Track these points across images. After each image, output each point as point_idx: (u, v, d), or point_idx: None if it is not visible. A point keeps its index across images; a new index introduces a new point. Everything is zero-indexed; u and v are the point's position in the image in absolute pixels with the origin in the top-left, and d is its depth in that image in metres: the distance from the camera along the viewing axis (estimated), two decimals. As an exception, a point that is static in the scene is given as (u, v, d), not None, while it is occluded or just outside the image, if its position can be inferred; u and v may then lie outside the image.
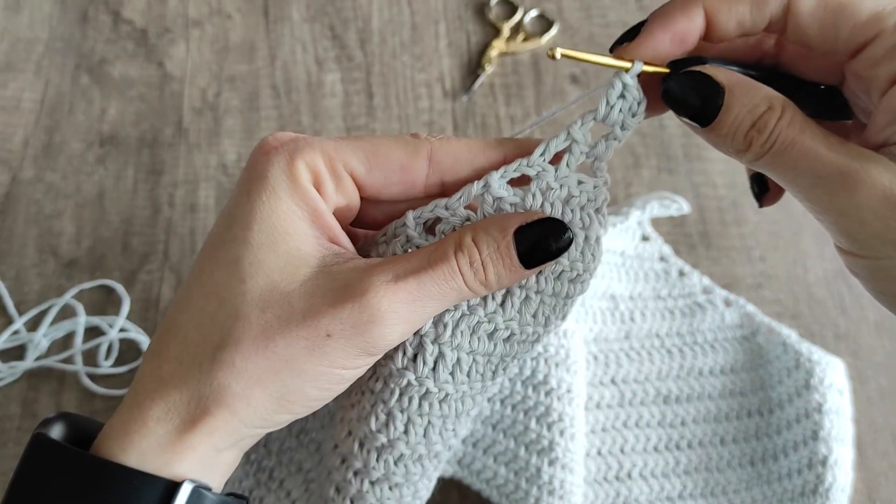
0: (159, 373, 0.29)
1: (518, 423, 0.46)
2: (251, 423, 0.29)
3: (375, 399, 0.32)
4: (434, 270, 0.29)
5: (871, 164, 0.26)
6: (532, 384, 0.46)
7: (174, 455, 0.28)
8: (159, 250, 0.58)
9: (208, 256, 0.30)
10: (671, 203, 0.56)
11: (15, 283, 0.56)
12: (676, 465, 0.52)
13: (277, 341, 0.28)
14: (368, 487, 0.33)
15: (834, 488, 0.48)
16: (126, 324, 0.55)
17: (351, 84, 0.66)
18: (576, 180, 0.30)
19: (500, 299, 0.31)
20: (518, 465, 0.46)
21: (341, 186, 0.30)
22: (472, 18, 0.69)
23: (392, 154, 0.31)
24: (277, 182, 0.29)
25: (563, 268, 0.30)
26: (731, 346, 0.55)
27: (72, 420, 0.30)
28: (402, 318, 0.28)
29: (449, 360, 0.31)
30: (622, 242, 0.57)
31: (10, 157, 0.61)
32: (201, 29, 0.67)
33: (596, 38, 0.68)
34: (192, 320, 0.29)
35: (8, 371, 0.53)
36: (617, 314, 0.55)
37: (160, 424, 0.28)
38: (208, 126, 0.63)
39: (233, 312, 0.28)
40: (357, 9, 0.69)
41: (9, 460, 0.51)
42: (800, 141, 0.27)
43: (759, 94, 0.28)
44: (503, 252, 0.29)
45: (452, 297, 0.29)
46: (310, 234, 0.29)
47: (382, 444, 0.32)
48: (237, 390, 0.28)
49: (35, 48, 0.65)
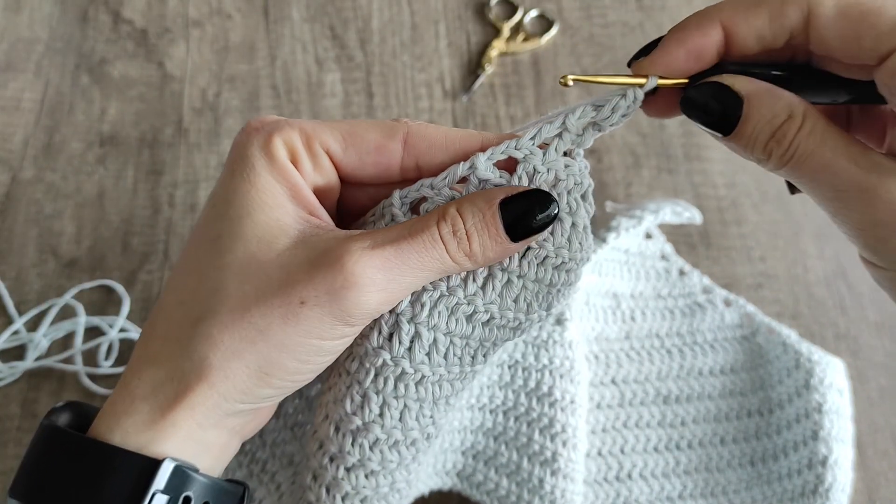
0: (146, 351, 0.29)
1: (521, 435, 0.46)
2: (231, 398, 0.28)
3: (351, 380, 0.32)
4: (414, 239, 0.29)
5: (891, 179, 0.26)
6: (536, 396, 0.46)
7: (157, 433, 0.28)
8: (159, 250, 0.58)
9: (193, 237, 0.31)
10: (683, 211, 0.55)
11: (15, 283, 0.56)
12: (676, 466, 0.51)
13: (253, 311, 0.28)
14: (344, 474, 0.32)
15: (834, 488, 0.48)
16: (126, 324, 0.55)
17: (351, 84, 0.66)
18: (562, 164, 0.30)
19: (481, 281, 0.31)
20: (521, 476, 0.46)
21: (318, 165, 0.31)
22: (472, 18, 0.69)
23: (368, 135, 0.31)
24: (256, 159, 0.30)
25: (548, 253, 0.30)
26: (731, 346, 0.55)
27: (78, 408, 0.30)
28: (378, 286, 0.28)
29: (425, 340, 0.30)
30: (626, 239, 0.57)
31: (10, 157, 0.61)
32: (201, 29, 0.67)
33: (596, 38, 0.68)
34: (175, 297, 0.30)
35: (8, 371, 0.53)
36: (618, 313, 0.55)
37: (146, 402, 0.28)
38: (208, 126, 0.63)
39: (212, 286, 0.29)
40: (357, 9, 0.69)
41: (9, 460, 0.51)
42: (819, 153, 0.27)
43: (778, 104, 0.27)
44: (489, 222, 0.29)
45: (434, 267, 0.29)
46: (289, 207, 0.30)
47: (357, 427, 0.31)
48: (214, 362, 0.28)
49: (35, 48, 0.65)
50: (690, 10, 0.29)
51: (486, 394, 0.46)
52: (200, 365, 0.28)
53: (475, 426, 0.46)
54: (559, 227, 0.30)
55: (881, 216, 0.26)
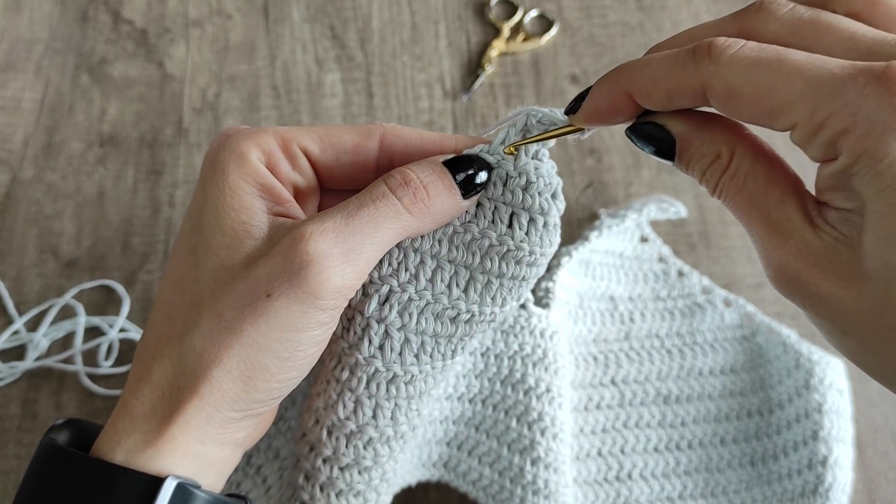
0: (142, 370, 0.29)
1: (499, 423, 0.46)
2: (221, 407, 0.28)
3: (342, 387, 0.32)
4: (363, 201, 0.29)
5: (791, 239, 0.25)
6: (511, 383, 0.46)
7: (157, 450, 0.28)
8: (159, 250, 0.58)
9: (173, 251, 0.31)
10: (669, 206, 0.56)
11: (15, 283, 0.56)
12: (677, 466, 0.51)
13: (226, 314, 0.28)
14: (338, 473, 0.33)
15: (834, 488, 0.48)
16: (126, 324, 0.55)
17: (351, 84, 0.66)
18: (532, 167, 0.31)
19: (463, 284, 0.32)
20: (502, 465, 0.46)
21: (297, 165, 0.31)
22: (472, 18, 0.69)
23: (344, 136, 0.32)
24: (226, 163, 0.30)
25: (524, 253, 0.31)
26: (731, 346, 0.55)
27: (79, 425, 0.31)
28: (336, 258, 0.28)
29: (414, 344, 0.31)
30: (620, 244, 0.57)
31: (10, 157, 0.61)
32: (201, 29, 0.67)
33: (596, 38, 0.68)
34: (162, 314, 0.30)
35: (8, 371, 0.53)
36: (616, 315, 0.55)
37: (146, 421, 0.28)
38: (208, 126, 0.63)
39: (191, 299, 0.29)
40: (357, 9, 0.69)
41: (9, 460, 0.51)
42: (738, 200, 0.27)
43: (705, 144, 0.27)
44: (440, 174, 0.30)
45: (391, 226, 0.29)
46: (257, 207, 0.30)
47: (351, 431, 0.32)
48: (201, 374, 0.28)
49: (35, 48, 0.65)
50: (690, 10, 0.29)
51: (463, 383, 0.46)
52: (190, 379, 0.28)
53: (456, 416, 0.46)
54: (533, 227, 0.31)
55: (778, 274, 0.26)
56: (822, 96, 0.22)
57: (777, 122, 0.24)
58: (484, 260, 0.31)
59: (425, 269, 0.31)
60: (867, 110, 0.21)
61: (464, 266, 0.31)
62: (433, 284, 0.31)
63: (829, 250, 0.24)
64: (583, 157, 0.63)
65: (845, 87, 0.22)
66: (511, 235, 0.31)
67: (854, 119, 0.22)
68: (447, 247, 0.31)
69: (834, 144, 0.23)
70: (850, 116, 0.22)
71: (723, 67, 0.24)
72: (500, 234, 0.31)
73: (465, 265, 0.31)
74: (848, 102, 0.22)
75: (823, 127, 0.22)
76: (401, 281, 0.31)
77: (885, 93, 0.21)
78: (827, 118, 0.22)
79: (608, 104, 0.28)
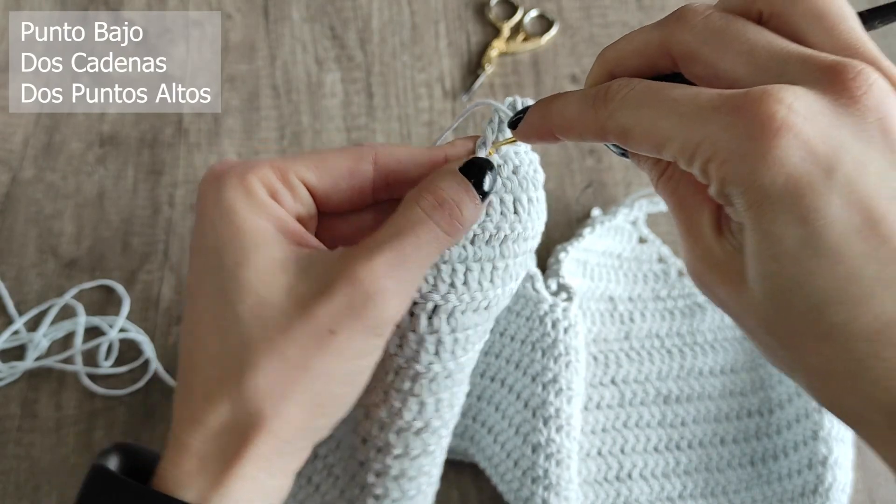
0: (194, 412, 0.29)
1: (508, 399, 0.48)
2: (294, 438, 0.29)
3: (388, 387, 0.35)
4: (402, 230, 0.29)
5: (699, 241, 0.27)
6: (523, 368, 0.48)
7: (228, 489, 0.28)
8: (159, 250, 0.58)
9: (194, 294, 0.31)
10: (660, 200, 0.56)
11: (15, 283, 0.56)
12: (677, 466, 0.51)
13: (288, 353, 0.28)
14: (409, 464, 0.37)
15: (834, 488, 0.48)
16: (126, 324, 0.55)
17: (351, 84, 0.66)
18: (513, 152, 0.34)
19: (489, 277, 0.34)
20: (508, 443, 0.47)
21: (297, 195, 0.31)
22: (472, 18, 0.69)
23: (339, 161, 0.32)
24: (234, 201, 0.30)
25: (519, 231, 0.34)
26: (731, 346, 0.55)
27: (128, 451, 0.31)
28: (392, 291, 0.29)
29: (462, 340, 0.34)
30: (618, 245, 0.57)
31: (10, 157, 0.61)
32: (201, 29, 0.67)
33: (596, 38, 0.68)
34: (206, 357, 0.30)
35: (8, 371, 0.53)
36: (616, 315, 0.55)
37: (212, 461, 0.29)
38: (208, 126, 0.63)
39: (238, 340, 0.29)
40: (357, 9, 0.69)
41: (9, 460, 0.51)
42: (672, 198, 0.29)
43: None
44: (464, 186, 0.31)
45: (431, 250, 0.30)
46: (281, 242, 0.30)
47: (419, 428, 0.35)
48: (270, 412, 0.28)
49: (35, 48, 0.65)
50: (690, 10, 0.29)
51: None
52: (257, 417, 0.28)
53: None
54: (532, 205, 0.34)
55: (690, 273, 0.28)
56: (692, 129, 0.24)
57: (664, 154, 0.26)
58: (502, 248, 0.33)
59: (458, 275, 0.33)
60: (725, 139, 0.23)
61: (488, 260, 0.33)
62: (468, 287, 0.33)
63: (727, 257, 0.26)
64: (583, 157, 0.63)
65: (708, 120, 0.24)
66: (519, 220, 0.33)
67: (715, 148, 0.24)
68: (472, 249, 0.33)
69: (706, 171, 0.25)
70: (712, 146, 0.24)
71: (615, 112, 0.26)
72: (511, 223, 0.33)
73: (488, 259, 0.33)
74: (709, 133, 0.24)
75: (694, 156, 0.24)
76: (441, 293, 0.32)
77: (740, 122, 0.23)
78: (696, 148, 0.24)
79: (538, 133, 0.31)
